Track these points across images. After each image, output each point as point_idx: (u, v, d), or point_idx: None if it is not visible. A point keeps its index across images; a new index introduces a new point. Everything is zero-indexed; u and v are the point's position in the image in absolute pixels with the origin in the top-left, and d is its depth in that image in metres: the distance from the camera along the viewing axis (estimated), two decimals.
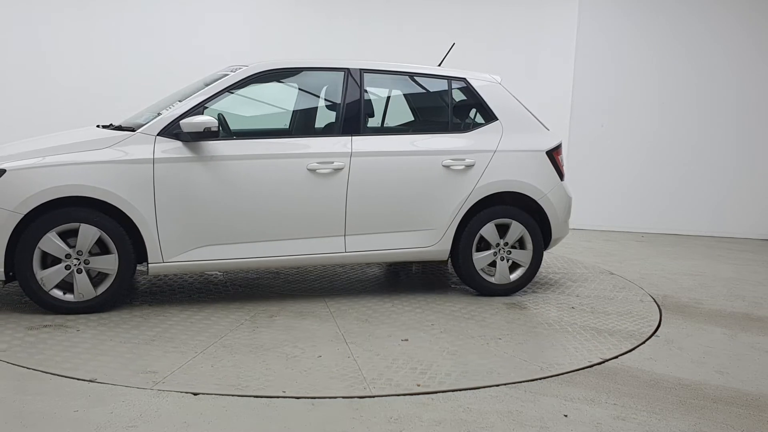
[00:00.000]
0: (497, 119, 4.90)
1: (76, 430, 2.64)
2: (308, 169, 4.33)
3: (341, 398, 3.03)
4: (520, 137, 4.90)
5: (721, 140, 7.99)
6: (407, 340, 3.87)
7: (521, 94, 8.09)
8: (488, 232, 4.77)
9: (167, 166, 4.06)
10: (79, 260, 3.97)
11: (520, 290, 4.94)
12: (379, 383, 3.22)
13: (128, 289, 4.62)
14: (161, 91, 5.17)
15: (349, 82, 4.59)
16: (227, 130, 4.53)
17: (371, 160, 4.48)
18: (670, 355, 3.82)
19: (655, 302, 4.91)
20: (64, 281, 3.98)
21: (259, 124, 4.95)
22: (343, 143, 4.46)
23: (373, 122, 4.82)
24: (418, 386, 3.20)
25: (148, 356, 3.43)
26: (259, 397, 3.00)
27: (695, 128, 8.01)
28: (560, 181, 5.02)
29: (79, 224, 3.93)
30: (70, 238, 3.95)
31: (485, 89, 4.96)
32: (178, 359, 3.40)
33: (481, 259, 4.78)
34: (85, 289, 4.00)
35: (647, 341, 4.03)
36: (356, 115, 4.56)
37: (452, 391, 3.16)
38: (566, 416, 2.95)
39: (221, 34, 8.35)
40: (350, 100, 4.57)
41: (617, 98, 8.07)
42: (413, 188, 4.58)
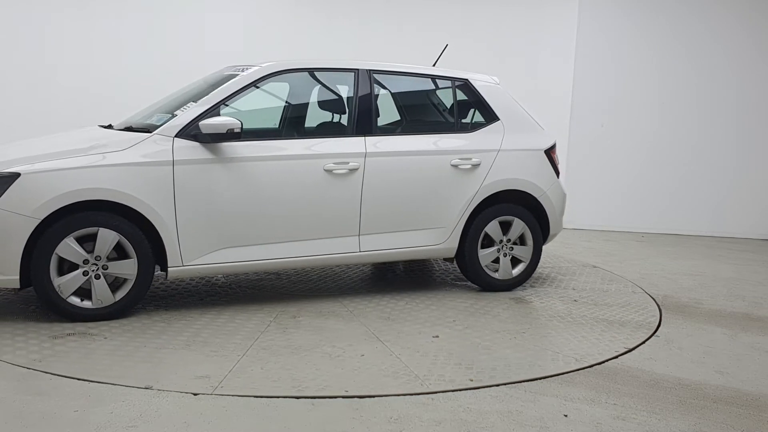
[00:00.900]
0: (498, 119, 5.02)
1: (76, 430, 2.64)
2: (325, 169, 4.34)
3: (341, 398, 3.03)
4: (520, 137, 5.04)
5: (721, 140, 7.99)
6: (438, 336, 3.95)
7: (521, 94, 8.10)
8: (492, 229, 4.90)
9: (187, 167, 3.99)
10: (97, 266, 3.85)
11: (520, 285, 5.09)
12: (431, 379, 3.29)
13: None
14: (161, 91, 5.16)
15: (359, 82, 4.62)
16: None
17: (384, 160, 4.54)
18: (670, 355, 3.82)
19: (655, 302, 4.91)
20: (80, 288, 3.85)
21: (274, 124, 4.87)
22: (357, 144, 4.49)
23: (383, 122, 4.84)
24: (471, 381, 3.30)
25: (192, 361, 3.38)
26: (260, 397, 3.00)
27: (695, 128, 8.01)
28: (557, 178, 5.20)
29: (97, 229, 3.81)
30: (85, 243, 3.82)
31: (486, 90, 5.07)
32: (224, 363, 3.37)
33: (485, 255, 4.91)
34: (103, 295, 3.88)
35: (647, 341, 4.03)
36: (368, 115, 4.59)
37: (452, 391, 3.16)
38: (566, 416, 2.95)
39: (221, 33, 8.35)
40: (362, 100, 4.60)
41: (617, 98, 8.07)
42: (424, 187, 4.67)
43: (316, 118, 4.94)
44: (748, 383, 3.45)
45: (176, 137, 4.02)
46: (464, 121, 5.07)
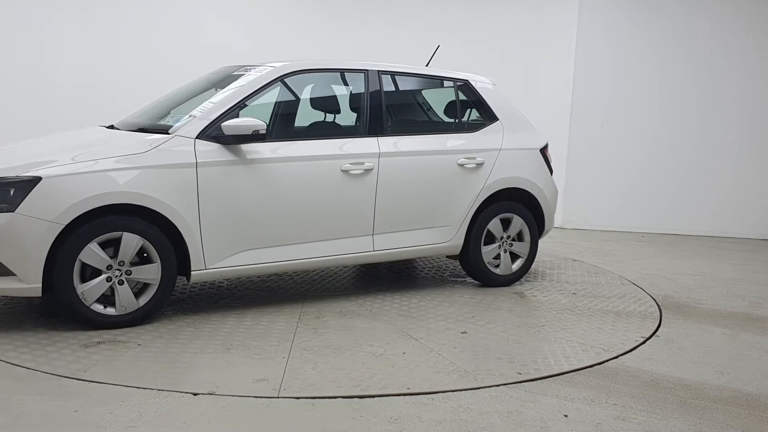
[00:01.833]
0: (497, 119, 5.18)
1: (76, 430, 2.64)
2: (342, 170, 4.37)
3: (341, 398, 3.03)
4: (517, 136, 5.22)
5: (721, 140, 7.99)
6: (466, 332, 4.04)
7: (521, 94, 8.12)
8: (494, 226, 5.05)
9: (210, 169, 3.92)
10: (120, 271, 3.74)
11: (519, 280, 5.27)
12: (481, 374, 3.38)
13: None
14: (161, 91, 5.15)
15: (370, 83, 4.67)
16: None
17: (397, 160, 4.60)
18: (670, 355, 3.82)
19: (655, 302, 4.91)
20: (102, 294, 3.75)
21: (290, 125, 4.85)
22: (371, 144, 4.53)
23: (393, 123, 4.87)
24: (519, 374, 3.40)
25: (241, 364, 3.36)
26: (258, 397, 3.01)
27: (695, 128, 8.01)
28: (551, 176, 5.38)
29: (121, 233, 3.69)
30: (106, 248, 3.71)
31: (485, 90, 5.23)
32: (273, 365, 3.37)
33: (488, 252, 5.06)
34: (127, 301, 3.78)
35: (647, 341, 4.03)
36: (379, 115, 4.64)
37: (452, 391, 3.16)
38: (566, 416, 2.95)
39: (221, 33, 8.35)
40: (373, 101, 4.64)
41: (617, 98, 8.07)
42: (433, 187, 4.76)
43: (330, 118, 4.97)
44: (748, 383, 3.45)
45: (197, 138, 3.95)
46: (467, 121, 5.20)
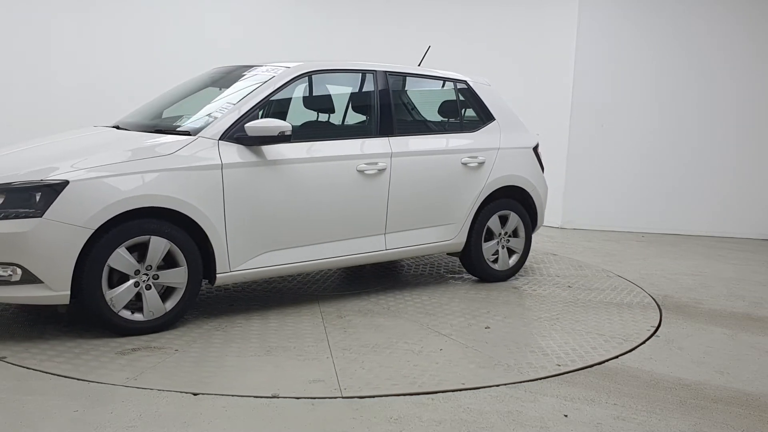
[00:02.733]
0: (494, 119, 5.32)
1: (76, 430, 2.64)
2: (357, 170, 4.41)
3: (341, 398, 3.03)
4: (513, 135, 5.37)
5: (721, 140, 7.98)
6: (489, 327, 4.14)
7: (521, 94, 8.13)
8: (494, 223, 5.21)
9: (235, 171, 3.89)
10: (148, 276, 3.67)
11: (515, 275, 5.42)
12: (523, 368, 3.49)
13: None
14: (161, 90, 5.15)
15: (379, 83, 4.72)
16: None
17: (407, 159, 4.66)
18: (670, 355, 3.82)
19: (655, 302, 4.91)
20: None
21: (306, 125, 4.84)
22: (383, 144, 4.59)
23: (401, 123, 4.90)
24: (558, 366, 3.52)
25: (290, 367, 3.37)
26: (258, 397, 3.01)
27: (695, 128, 8.00)
28: (542, 173, 5.55)
29: (148, 237, 3.62)
30: (132, 252, 3.63)
31: (483, 91, 5.36)
32: (321, 366, 3.40)
33: (488, 248, 5.21)
34: (155, 306, 3.71)
35: (647, 341, 4.03)
36: (389, 116, 4.70)
37: (452, 391, 3.16)
38: (566, 416, 2.95)
39: (221, 34, 8.35)
40: (383, 101, 4.70)
41: (617, 98, 8.06)
42: (440, 185, 4.86)
43: (345, 119, 5.00)
44: (748, 383, 3.45)
45: (220, 140, 3.91)
46: (467, 121, 5.29)
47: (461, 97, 5.25)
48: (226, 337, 3.77)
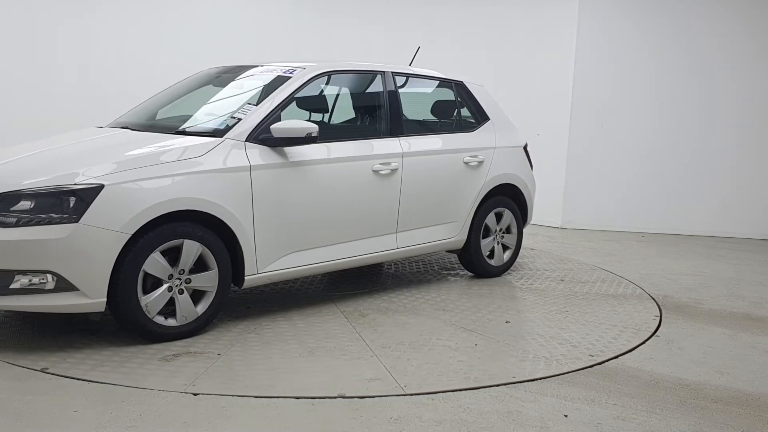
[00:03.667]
0: (489, 119, 5.43)
1: (76, 430, 2.64)
2: (372, 170, 4.45)
3: (341, 398, 3.03)
4: (506, 135, 5.49)
5: (721, 140, 7.98)
6: (509, 322, 4.28)
7: (521, 94, 8.13)
8: (491, 220, 5.35)
9: (262, 172, 3.88)
10: (180, 280, 3.61)
11: (507, 270, 5.58)
12: (560, 359, 3.63)
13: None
14: (158, 90, 5.13)
15: (387, 84, 4.76)
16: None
17: (416, 159, 4.73)
18: (670, 355, 3.82)
19: (655, 302, 4.91)
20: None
21: (322, 126, 4.87)
22: (394, 144, 4.64)
23: (408, 123, 4.95)
24: (591, 357, 3.68)
25: (340, 367, 3.40)
26: (258, 397, 3.01)
27: (695, 128, 8.00)
28: (531, 171, 5.71)
29: (182, 240, 3.56)
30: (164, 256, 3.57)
31: (477, 91, 5.46)
32: (370, 364, 3.44)
33: (486, 245, 5.34)
34: (188, 310, 3.65)
35: (647, 341, 4.03)
36: (399, 116, 4.76)
37: (452, 391, 3.16)
38: (566, 416, 2.95)
39: (221, 34, 8.35)
40: (392, 102, 4.75)
41: (617, 98, 8.06)
42: (445, 184, 4.96)
43: (359, 119, 5.03)
44: (748, 383, 3.45)
45: (246, 141, 3.89)
46: (465, 121, 5.37)
47: (460, 97, 5.35)
48: (260, 339, 3.76)
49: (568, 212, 8.17)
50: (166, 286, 3.57)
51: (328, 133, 4.60)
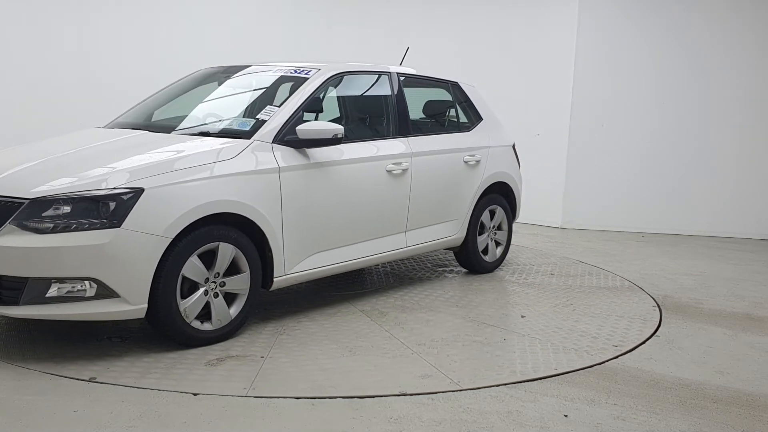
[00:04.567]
0: (482, 119, 5.56)
1: (76, 430, 2.64)
2: (386, 170, 4.51)
3: (341, 398, 3.03)
4: (497, 134, 5.64)
5: (721, 140, 7.97)
6: (524, 316, 4.41)
7: (521, 94, 8.12)
8: (485, 217, 5.48)
9: (290, 174, 3.88)
10: (215, 283, 3.57)
11: (499, 266, 5.72)
12: (587, 350, 3.79)
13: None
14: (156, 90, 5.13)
15: (394, 85, 4.84)
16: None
17: (424, 159, 4.81)
18: (670, 355, 3.82)
19: (655, 302, 4.91)
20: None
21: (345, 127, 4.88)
22: (403, 144, 4.71)
23: (414, 123, 5.00)
24: (615, 347, 3.85)
25: (386, 365, 3.44)
26: (260, 398, 3.00)
27: (695, 128, 7.99)
28: (519, 169, 5.87)
29: (217, 243, 3.52)
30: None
31: (471, 91, 5.58)
32: (416, 362, 3.49)
33: (481, 242, 5.47)
34: (222, 314, 3.61)
35: (647, 341, 4.03)
36: (406, 117, 4.84)
37: (452, 391, 3.16)
38: (566, 416, 2.95)
39: (221, 35, 8.35)
40: (399, 102, 4.82)
41: (617, 98, 8.05)
42: (448, 183, 5.06)
43: (371, 120, 5.06)
44: (748, 383, 3.45)
45: (273, 143, 3.88)
46: (462, 121, 5.49)
47: (456, 98, 5.47)
48: (294, 340, 3.77)
49: (568, 212, 8.17)
50: (202, 290, 3.51)
51: (348, 133, 4.63)
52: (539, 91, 8.15)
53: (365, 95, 5.03)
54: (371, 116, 5.04)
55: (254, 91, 4.63)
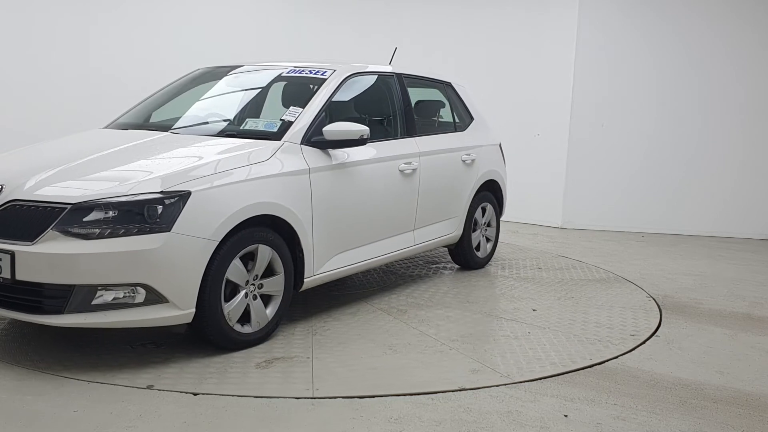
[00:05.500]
0: (473, 119, 5.70)
1: (76, 430, 2.64)
2: (399, 169, 4.58)
3: (341, 398, 3.03)
4: (486, 133, 5.77)
5: (721, 140, 7.97)
6: (536, 309, 4.52)
7: (521, 94, 8.12)
8: (478, 215, 5.62)
9: (319, 175, 3.90)
10: (254, 285, 3.56)
11: (490, 260, 5.89)
12: (609, 341, 3.92)
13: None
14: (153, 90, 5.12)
15: (400, 86, 4.91)
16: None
17: (430, 158, 4.91)
18: (670, 355, 3.82)
19: (655, 302, 4.91)
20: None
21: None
22: (412, 144, 4.81)
23: (418, 123, 5.05)
24: (632, 336, 4.01)
25: (432, 362, 3.48)
26: (258, 397, 3.00)
27: (695, 128, 7.99)
28: (505, 167, 6.01)
29: (256, 246, 3.51)
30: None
31: (463, 92, 5.72)
32: (456, 358, 3.57)
33: (474, 238, 5.61)
34: (261, 316, 3.59)
35: (647, 341, 4.03)
36: (412, 117, 4.94)
37: (452, 391, 3.16)
38: (566, 416, 2.95)
39: (221, 35, 8.35)
40: (405, 103, 4.92)
41: (617, 98, 8.05)
42: (450, 182, 5.18)
43: (382, 120, 5.07)
44: (748, 383, 3.45)
45: (301, 144, 3.89)
46: (457, 121, 5.62)
47: (451, 98, 5.58)
48: (330, 340, 3.79)
49: (568, 212, 8.17)
50: (243, 292, 3.50)
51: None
52: (539, 91, 8.15)
53: (377, 96, 5.03)
54: (382, 116, 5.04)
55: (266, 90, 4.65)
